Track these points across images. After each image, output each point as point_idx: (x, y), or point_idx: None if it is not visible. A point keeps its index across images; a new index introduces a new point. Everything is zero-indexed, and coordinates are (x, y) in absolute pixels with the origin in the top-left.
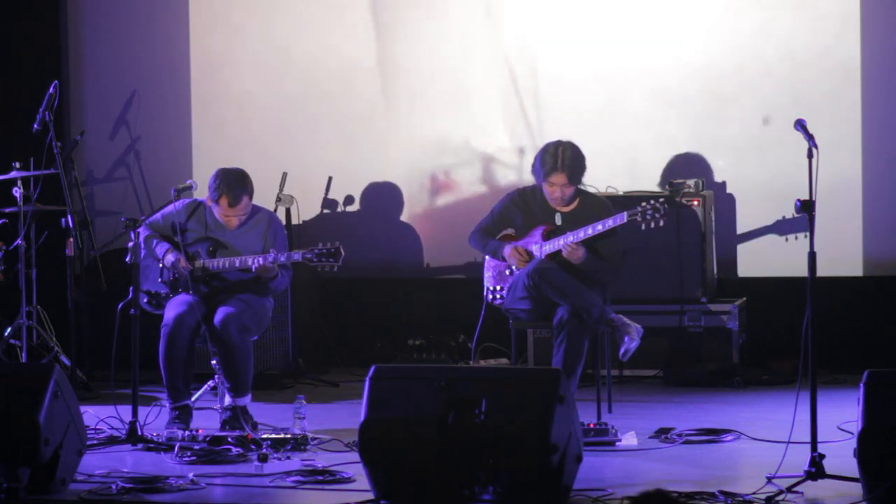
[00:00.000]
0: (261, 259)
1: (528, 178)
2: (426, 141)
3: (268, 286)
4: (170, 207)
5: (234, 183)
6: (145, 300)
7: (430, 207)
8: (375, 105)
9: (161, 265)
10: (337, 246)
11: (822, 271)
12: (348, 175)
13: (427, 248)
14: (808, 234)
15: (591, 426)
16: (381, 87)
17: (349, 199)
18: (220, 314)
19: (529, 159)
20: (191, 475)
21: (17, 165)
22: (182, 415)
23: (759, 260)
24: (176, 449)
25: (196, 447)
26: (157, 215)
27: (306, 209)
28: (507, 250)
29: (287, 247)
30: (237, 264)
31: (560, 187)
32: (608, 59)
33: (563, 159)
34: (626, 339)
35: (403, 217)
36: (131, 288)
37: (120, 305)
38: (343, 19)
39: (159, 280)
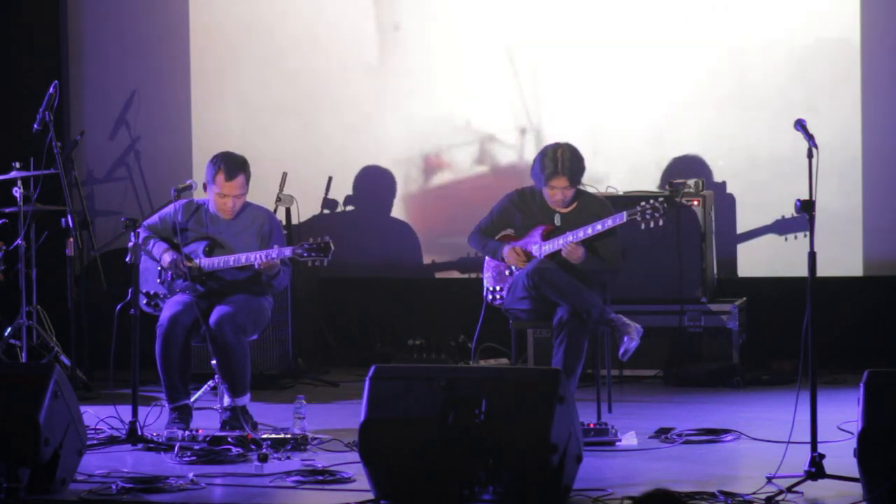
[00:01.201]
0: (263, 255)
1: (529, 158)
2: (426, 121)
3: (269, 285)
4: (168, 209)
5: (232, 161)
6: (144, 301)
7: (430, 188)
8: (375, 89)
9: (159, 266)
10: (326, 241)
11: (822, 271)
12: (349, 162)
13: (426, 239)
14: (808, 234)
15: (591, 426)
16: (380, 69)
17: (349, 199)
18: (215, 315)
19: (530, 139)
20: (191, 475)
21: (17, 165)
22: (182, 415)
23: (759, 260)
24: (176, 449)
25: (196, 447)
26: (155, 218)
27: (306, 209)
28: (506, 251)
29: (285, 244)
30: (231, 262)
31: (561, 190)
32: (608, 57)
33: (562, 162)
34: (625, 338)
35: (404, 204)
36: (130, 289)
37: (118, 307)
38: (344, 8)
39: (157, 281)
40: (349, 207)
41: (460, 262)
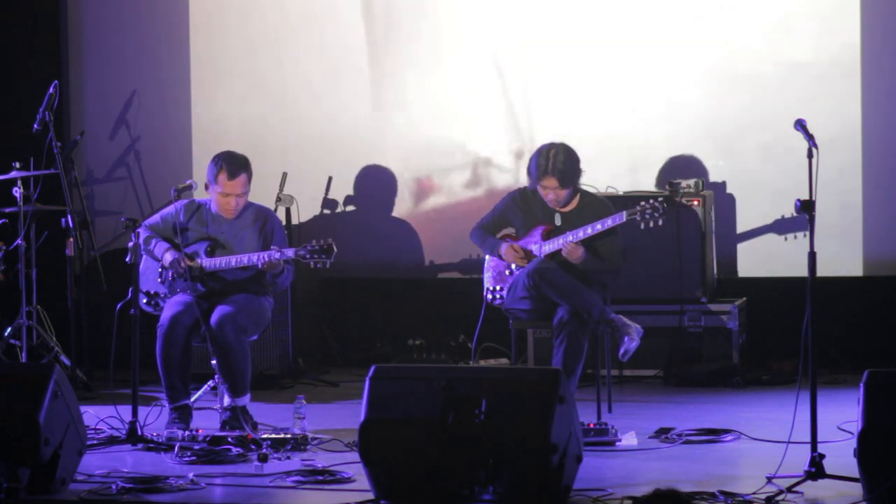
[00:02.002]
0: (265, 256)
1: (524, 181)
2: (421, 144)
3: (271, 283)
4: (169, 209)
5: (234, 160)
6: (144, 301)
7: (426, 210)
8: (371, 108)
9: (160, 265)
10: (329, 243)
11: (822, 271)
12: (349, 162)
13: (427, 248)
14: (807, 233)
15: (591, 426)
16: (376, 90)
17: (349, 199)
18: (216, 315)
19: (526, 162)
20: (191, 475)
21: (17, 165)
22: (181, 415)
23: (759, 260)
24: (176, 449)
25: (196, 447)
26: (157, 217)
27: (306, 209)
28: (504, 249)
29: (287, 242)
30: (234, 263)
31: (553, 190)
32: (607, 61)
33: (554, 163)
34: (625, 339)
35: (404, 217)
36: (131, 289)
37: (118, 306)
38: (336, 20)
39: (158, 280)
40: (349, 207)
41: (462, 263)
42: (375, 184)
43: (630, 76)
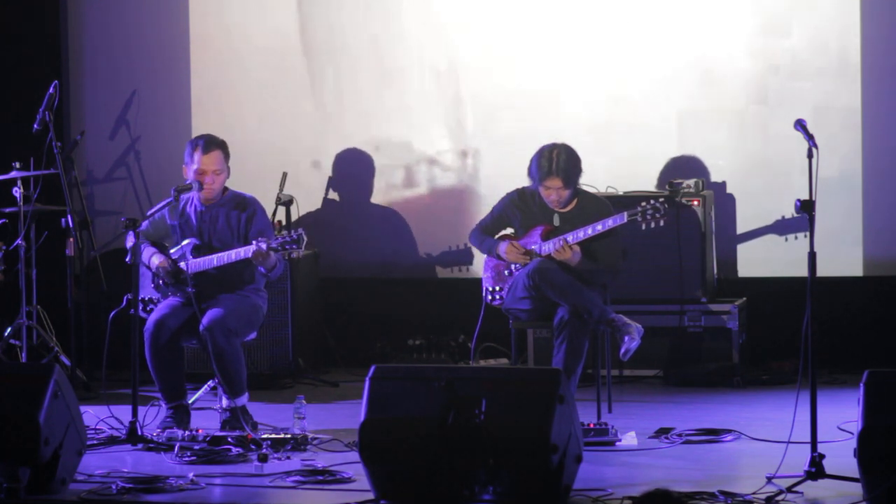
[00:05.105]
0: (243, 252)
1: (470, 180)
2: (366, 142)
3: (260, 277)
4: (157, 214)
5: (209, 138)
6: (140, 307)
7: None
8: (317, 103)
9: (152, 271)
10: (300, 233)
11: (822, 271)
12: (350, 163)
13: (421, 244)
14: (808, 233)
15: (591, 426)
16: (324, 85)
17: (349, 199)
18: (205, 319)
19: (472, 162)
20: (191, 475)
21: (17, 165)
22: (176, 415)
23: (759, 260)
24: (176, 449)
25: (196, 447)
26: (146, 223)
27: (306, 209)
28: (503, 248)
29: (270, 228)
30: (215, 262)
31: (556, 191)
32: (606, 59)
33: (557, 163)
34: (626, 338)
35: (403, 216)
36: (126, 296)
37: (112, 314)
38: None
39: (151, 286)
40: (349, 207)
41: (442, 256)
42: (377, 184)
43: (630, 76)
